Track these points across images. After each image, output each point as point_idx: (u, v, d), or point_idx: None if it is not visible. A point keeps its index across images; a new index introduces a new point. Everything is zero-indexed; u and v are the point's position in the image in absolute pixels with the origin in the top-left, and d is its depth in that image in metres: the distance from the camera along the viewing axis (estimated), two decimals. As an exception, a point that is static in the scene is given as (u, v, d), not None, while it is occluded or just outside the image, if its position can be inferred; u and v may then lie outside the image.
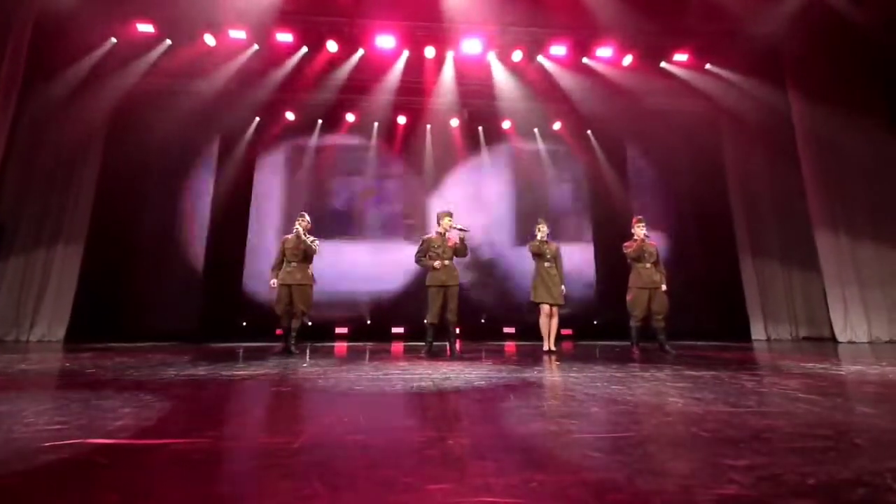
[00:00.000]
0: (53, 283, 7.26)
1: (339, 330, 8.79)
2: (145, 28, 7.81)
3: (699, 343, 6.57)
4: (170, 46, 7.95)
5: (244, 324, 8.46)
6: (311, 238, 4.63)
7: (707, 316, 8.56)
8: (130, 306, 8.23)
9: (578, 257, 9.29)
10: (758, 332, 7.86)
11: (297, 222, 4.65)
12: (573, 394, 2.22)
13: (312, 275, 4.69)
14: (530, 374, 3.00)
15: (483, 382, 2.57)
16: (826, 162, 6.94)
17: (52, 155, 7.48)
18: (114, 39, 7.88)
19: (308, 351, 4.68)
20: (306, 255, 4.59)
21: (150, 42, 7.92)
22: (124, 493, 0.86)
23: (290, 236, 4.66)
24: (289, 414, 1.75)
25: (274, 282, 4.58)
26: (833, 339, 6.79)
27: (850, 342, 6.49)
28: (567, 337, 8.45)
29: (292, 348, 4.52)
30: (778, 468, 1.09)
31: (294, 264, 4.53)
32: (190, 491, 0.88)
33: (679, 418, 1.66)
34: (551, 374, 3.04)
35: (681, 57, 8.17)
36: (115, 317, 8.06)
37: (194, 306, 8.43)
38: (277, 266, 4.63)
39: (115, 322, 7.97)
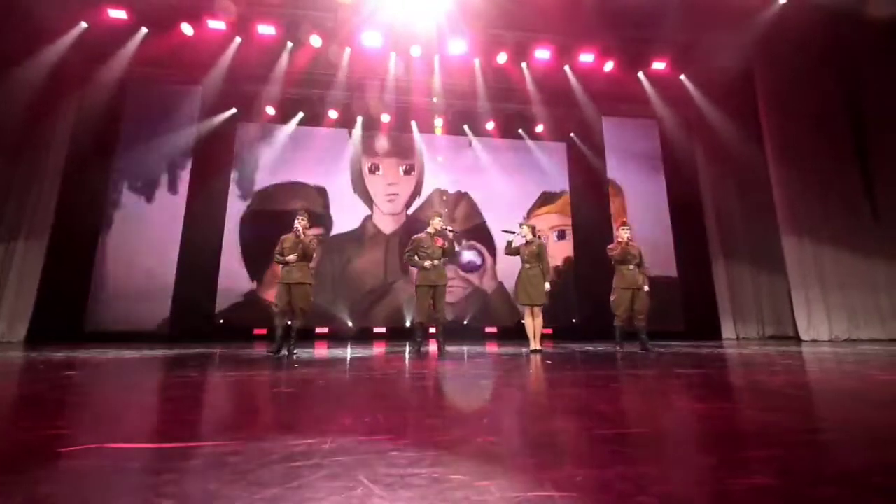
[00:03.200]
0: (14, 281, 6.86)
1: (319, 330, 8.65)
2: (117, 14, 7.48)
3: (674, 342, 6.80)
4: (145, 35, 7.63)
5: (221, 321, 8.21)
6: (311, 237, 4.54)
7: (680, 316, 8.90)
8: (97, 306, 7.83)
9: (559, 258, 9.47)
10: (728, 331, 8.24)
11: (296, 220, 4.53)
12: (576, 392, 2.27)
13: (311, 274, 4.59)
14: (526, 374, 3.05)
15: (484, 381, 2.60)
16: (792, 173, 7.37)
17: (13, 144, 7.04)
18: (84, 24, 7.49)
19: (293, 352, 4.57)
20: (305, 254, 4.46)
21: (123, 29, 7.58)
22: (181, 499, 0.84)
23: (289, 235, 4.55)
24: (304, 415, 1.72)
25: (293, 256, 4.40)
26: (797, 337, 7.20)
27: (813, 340, 6.90)
28: (547, 336, 8.60)
29: (292, 351, 4.41)
30: (794, 460, 1.15)
31: (293, 264, 4.42)
32: (246, 493, 0.87)
33: (686, 415, 1.73)
34: (547, 373, 3.09)
35: (659, 65, 8.46)
36: (81, 317, 7.65)
37: (166, 306, 8.11)
38: (280, 259, 4.51)
39: (81, 322, 7.57)
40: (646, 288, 5.10)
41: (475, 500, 0.87)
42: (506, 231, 5.21)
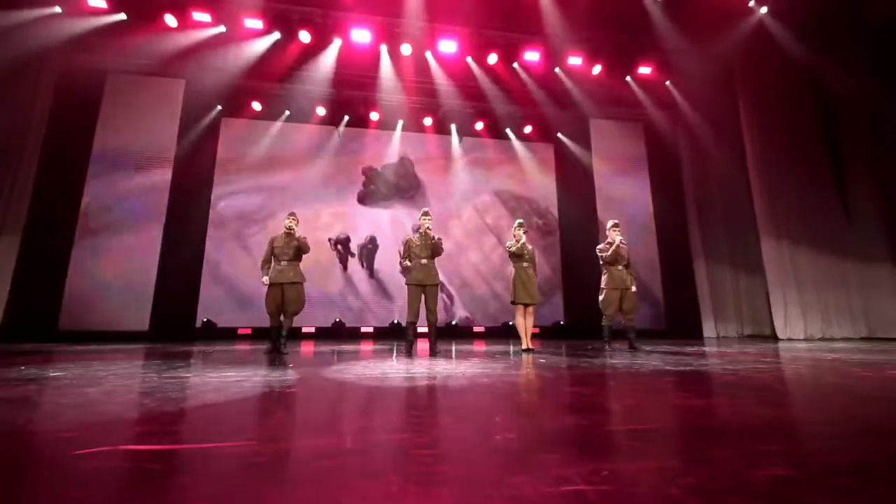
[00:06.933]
0: (-16, 278, 6.55)
1: (306, 329, 8.54)
2: (97, 4, 7.23)
3: (658, 341, 6.95)
4: (126, 24, 7.38)
5: (205, 319, 8.02)
6: (303, 237, 4.54)
7: (663, 315, 9.12)
8: (73, 304, 7.53)
9: (547, 258, 9.58)
10: (708, 330, 8.50)
11: (287, 220, 4.50)
12: (577, 390, 2.31)
13: (302, 273, 4.58)
14: (524, 372, 3.08)
15: (485, 380, 2.61)
16: (771, 178, 7.63)
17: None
18: (58, 9, 7.20)
19: (284, 352, 4.51)
20: (298, 253, 4.47)
21: (102, 18, 7.32)
22: (222, 500, 0.82)
23: (279, 234, 4.53)
24: (313, 415, 1.71)
25: (266, 279, 4.41)
26: (774, 336, 7.45)
27: (789, 339, 7.15)
28: (534, 335, 8.70)
29: (283, 349, 4.41)
30: (804, 452, 1.21)
31: (284, 263, 4.40)
32: (286, 492, 0.86)
33: (688, 411, 1.78)
34: (544, 372, 3.13)
35: (645, 70, 8.64)
36: (56, 315, 7.35)
37: (147, 305, 7.87)
38: (266, 263, 4.49)
39: (55, 321, 7.28)
40: (633, 288, 5.22)
41: (512, 497, 0.88)
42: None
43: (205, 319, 8.06)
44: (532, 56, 8.42)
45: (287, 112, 9.29)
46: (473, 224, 9.69)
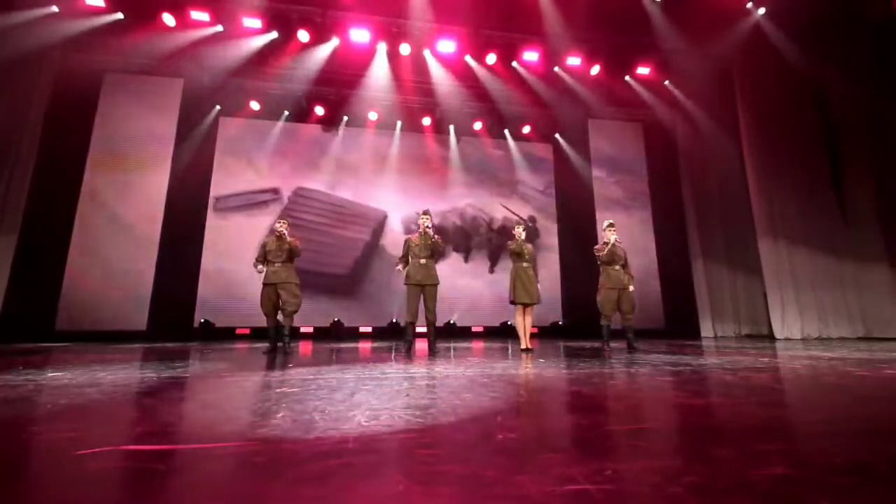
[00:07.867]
0: (-20, 278, 6.52)
1: (304, 329, 8.54)
2: (94, 3, 7.21)
3: (656, 341, 6.97)
4: (123, 23, 7.36)
5: (203, 320, 8.00)
6: (295, 238, 4.65)
7: (661, 315, 9.15)
8: (70, 303, 7.51)
9: (546, 258, 9.59)
10: (706, 329, 8.52)
11: (277, 224, 4.62)
12: (577, 389, 2.31)
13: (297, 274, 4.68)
14: (524, 372, 3.08)
15: (485, 380, 2.62)
16: (769, 180, 7.66)
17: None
18: (55, 9, 7.17)
19: (287, 351, 4.51)
20: (290, 256, 4.57)
21: (100, 17, 7.30)
22: (216, 500, 0.82)
23: (271, 238, 4.64)
24: (314, 414, 1.70)
25: (260, 267, 4.53)
26: (771, 336, 7.48)
27: (787, 339, 7.18)
28: (533, 335, 8.70)
29: (287, 348, 4.49)
30: (804, 452, 1.21)
31: (278, 265, 4.49)
32: (289, 493, 0.86)
33: (688, 411, 1.78)
34: (544, 372, 3.13)
35: (643, 70, 8.66)
36: (52, 316, 7.33)
37: (144, 305, 7.85)
38: (260, 262, 4.59)
39: (52, 320, 7.26)
40: (631, 288, 5.22)
41: (517, 496, 0.88)
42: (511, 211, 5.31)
43: (203, 320, 8.05)
44: (531, 56, 8.43)
45: (286, 112, 9.28)
46: (472, 224, 9.70)
